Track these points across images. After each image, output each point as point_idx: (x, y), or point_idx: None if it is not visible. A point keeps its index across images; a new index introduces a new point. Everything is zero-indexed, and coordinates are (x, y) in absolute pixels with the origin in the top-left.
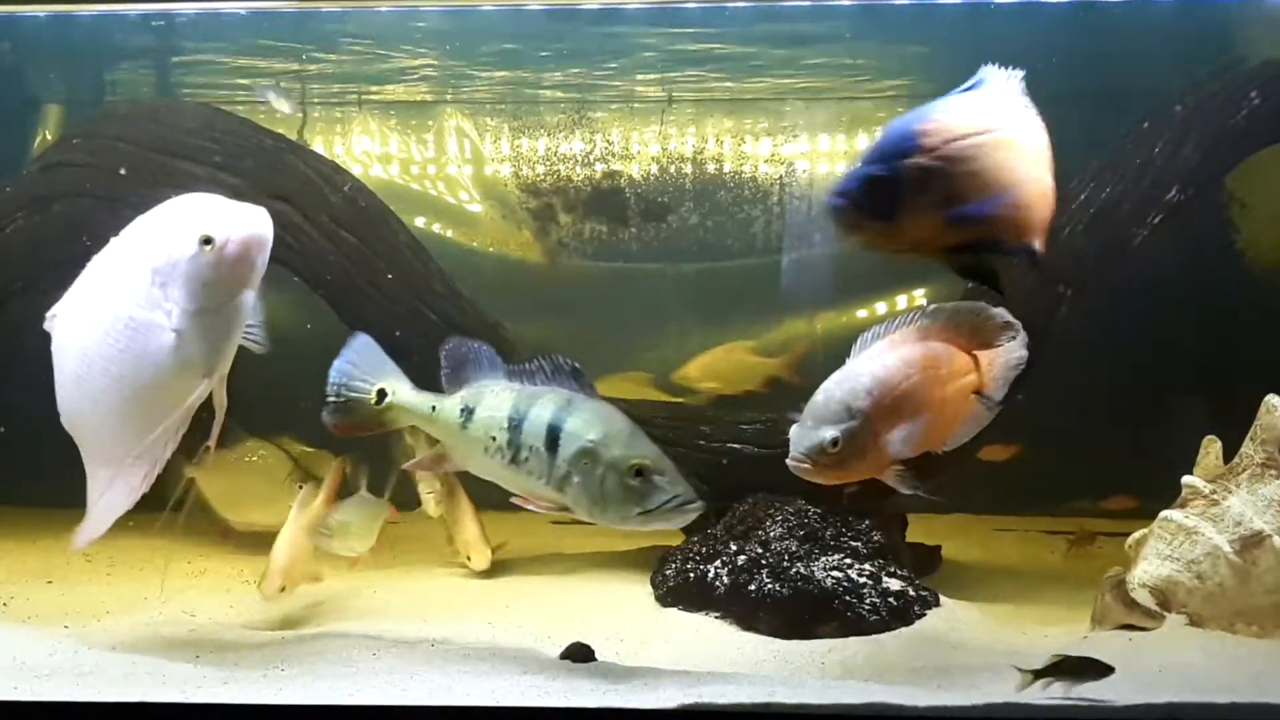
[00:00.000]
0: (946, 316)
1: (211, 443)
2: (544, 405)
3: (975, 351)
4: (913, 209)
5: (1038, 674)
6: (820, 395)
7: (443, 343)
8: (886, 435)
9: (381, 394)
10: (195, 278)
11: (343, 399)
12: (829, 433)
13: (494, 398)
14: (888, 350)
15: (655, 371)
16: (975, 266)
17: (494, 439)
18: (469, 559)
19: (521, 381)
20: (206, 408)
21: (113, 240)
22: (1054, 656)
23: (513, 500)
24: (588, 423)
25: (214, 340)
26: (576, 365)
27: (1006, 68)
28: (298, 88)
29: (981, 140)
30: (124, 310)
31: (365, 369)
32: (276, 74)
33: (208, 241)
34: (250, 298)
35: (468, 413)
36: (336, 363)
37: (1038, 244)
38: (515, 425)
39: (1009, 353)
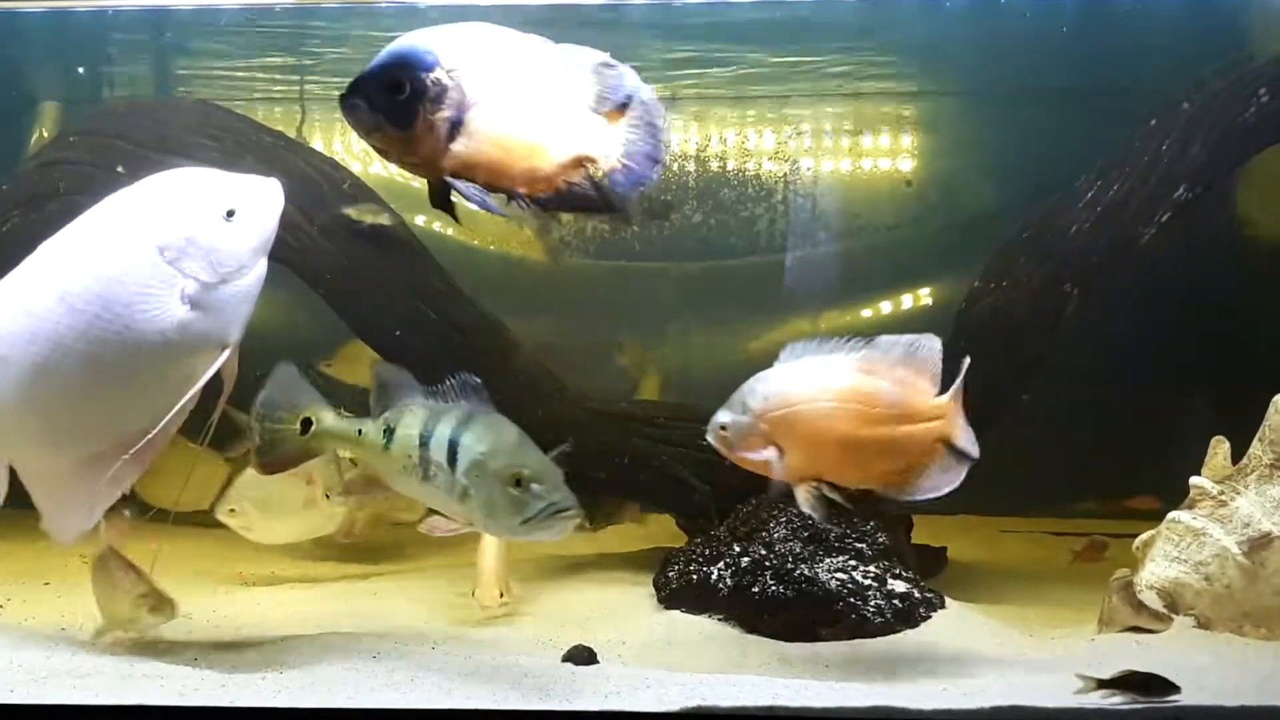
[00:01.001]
0: (900, 355)
1: (219, 409)
2: (446, 422)
3: (946, 399)
4: (424, 125)
5: (1102, 683)
6: (746, 382)
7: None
8: (776, 446)
9: (306, 423)
10: (216, 250)
11: (268, 434)
12: (722, 416)
13: (410, 416)
14: (817, 368)
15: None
16: (445, 198)
17: (410, 457)
18: (473, 594)
19: (434, 400)
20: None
21: (70, 225)
22: (1122, 671)
23: (420, 530)
24: (479, 436)
25: (232, 311)
26: (478, 381)
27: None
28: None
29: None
30: (123, 291)
31: (287, 400)
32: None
33: (231, 213)
34: (263, 263)
35: (389, 434)
36: (259, 397)
37: (522, 190)
38: (424, 443)
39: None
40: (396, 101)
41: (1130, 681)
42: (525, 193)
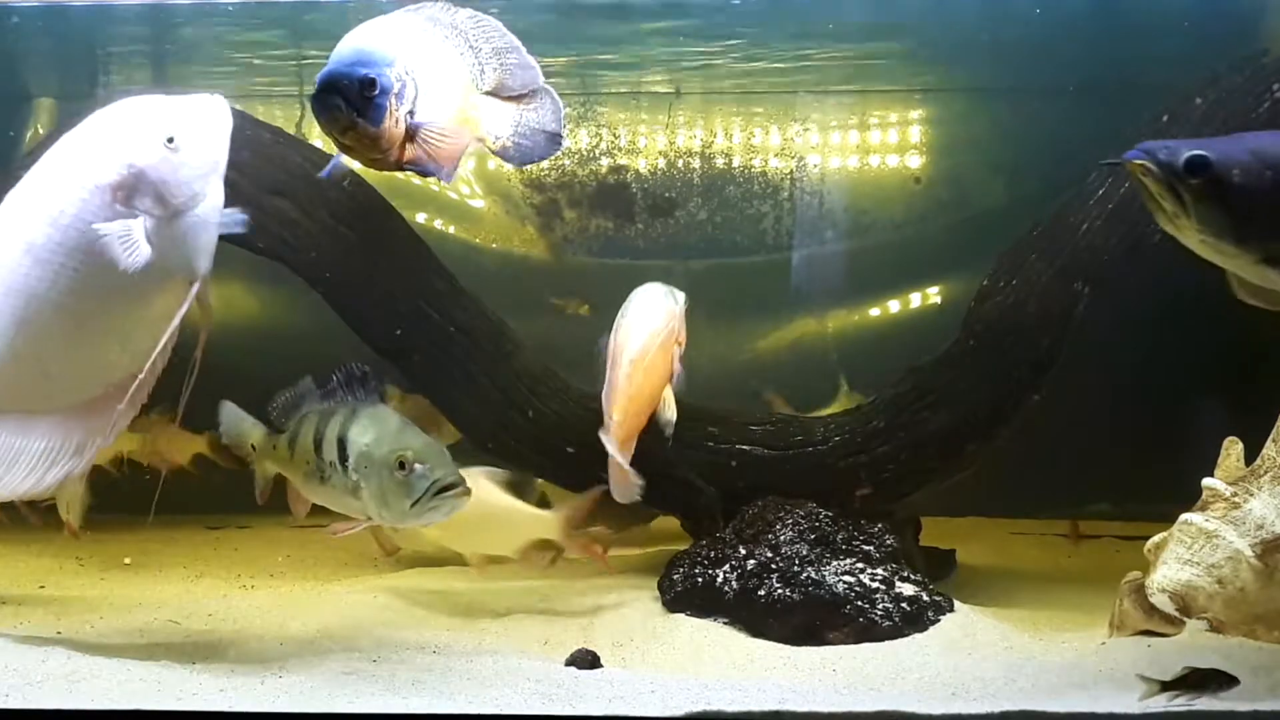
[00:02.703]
0: None
1: (199, 351)
2: (334, 421)
3: None
4: (392, 120)
5: (1166, 685)
6: None
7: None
8: None
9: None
10: (165, 180)
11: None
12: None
13: (305, 424)
14: None
15: None
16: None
17: (308, 463)
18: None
19: (327, 401)
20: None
21: (27, 175)
22: (1183, 669)
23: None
24: (364, 428)
25: (194, 241)
26: (365, 369)
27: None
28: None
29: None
30: (83, 237)
31: (235, 435)
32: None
33: (172, 140)
34: (220, 184)
35: (290, 443)
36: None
37: (445, 172)
38: (318, 445)
39: None
40: (369, 99)
41: (1190, 681)
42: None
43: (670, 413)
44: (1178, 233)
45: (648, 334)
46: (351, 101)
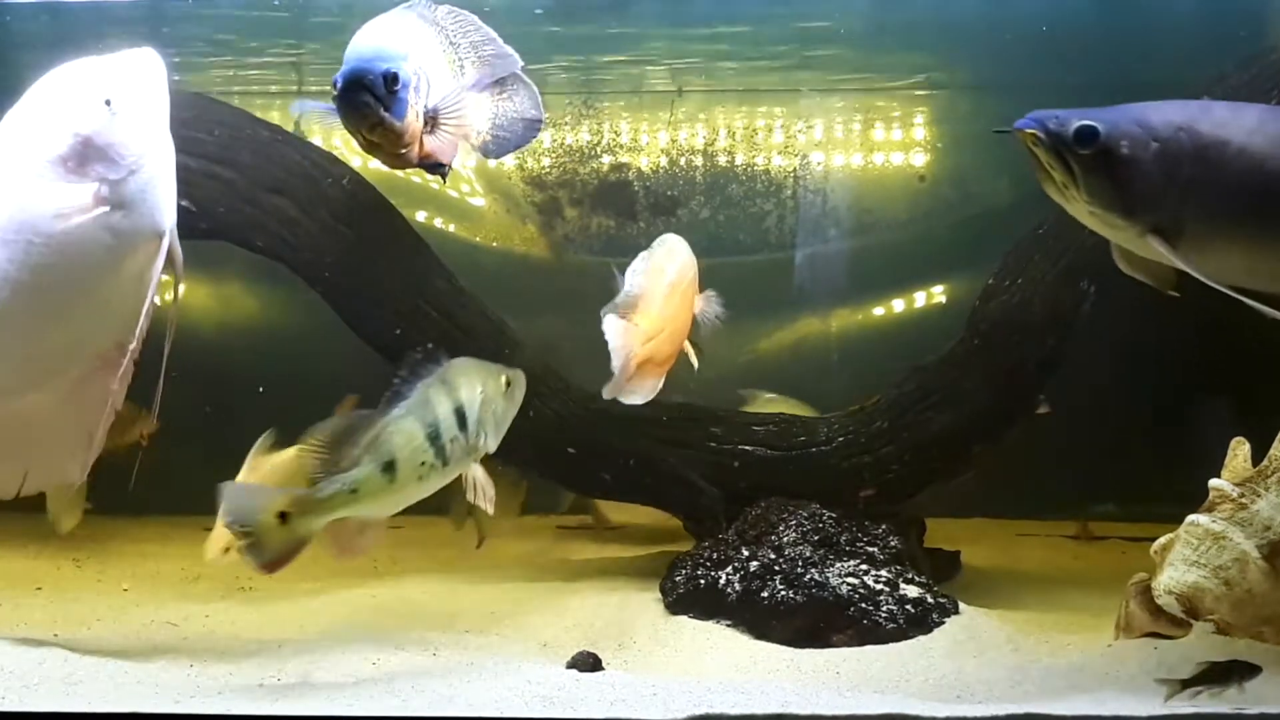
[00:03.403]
0: None
1: (175, 297)
2: (437, 402)
3: None
4: (413, 114)
5: (1186, 683)
6: None
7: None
8: None
9: (283, 515)
10: (111, 143)
11: (251, 537)
12: None
13: (401, 435)
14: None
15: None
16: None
17: (423, 464)
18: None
19: (395, 405)
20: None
21: None
22: (1200, 664)
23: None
24: (465, 385)
25: (154, 197)
26: (427, 346)
27: None
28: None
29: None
30: (43, 213)
31: (250, 507)
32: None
33: (109, 103)
34: (168, 135)
35: (390, 467)
36: (223, 512)
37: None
38: (434, 435)
39: None
40: (394, 93)
41: (1211, 674)
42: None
43: (694, 359)
44: (1067, 204)
45: (680, 265)
46: (379, 97)
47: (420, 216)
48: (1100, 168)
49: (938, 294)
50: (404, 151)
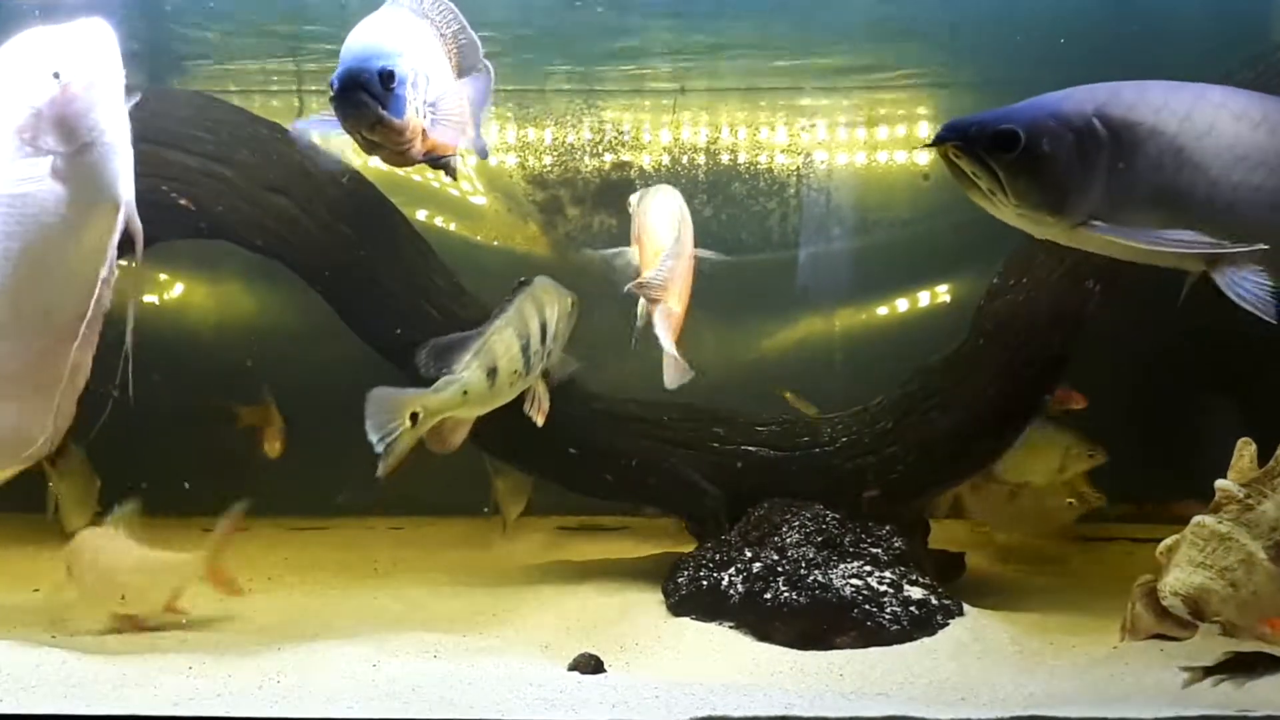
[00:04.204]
0: None
1: (137, 257)
2: (530, 316)
3: None
4: (413, 111)
5: (1209, 671)
6: None
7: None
8: None
9: (414, 417)
10: (62, 116)
11: (389, 443)
12: None
13: (502, 344)
14: None
15: None
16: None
17: (516, 371)
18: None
19: (488, 327)
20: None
21: None
22: (1225, 653)
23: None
24: (549, 301)
25: (109, 169)
26: (520, 280)
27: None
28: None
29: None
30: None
31: (389, 411)
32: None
33: (57, 75)
34: (124, 110)
35: (492, 372)
36: (368, 425)
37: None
38: (525, 346)
39: None
40: (391, 91)
41: (1235, 664)
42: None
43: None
44: (994, 209)
45: (687, 226)
46: (376, 96)
47: (421, 215)
48: (1024, 169)
49: (942, 293)
50: (406, 149)
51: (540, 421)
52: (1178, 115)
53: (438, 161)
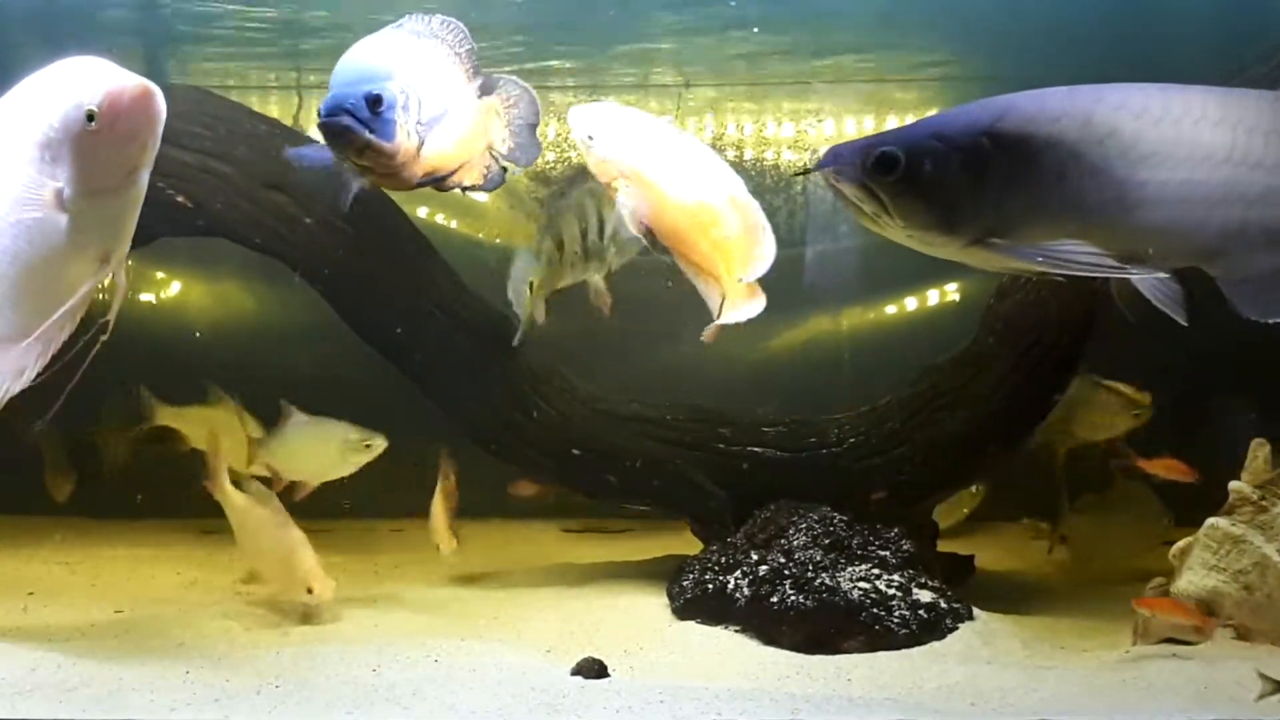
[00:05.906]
0: None
1: (112, 318)
2: (588, 207)
3: None
4: (403, 134)
5: None
6: None
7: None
8: None
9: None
10: (84, 156)
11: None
12: None
13: (565, 221)
14: None
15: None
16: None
17: (575, 251)
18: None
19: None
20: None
21: None
22: None
23: None
24: (606, 200)
25: (111, 222)
26: (571, 176)
27: None
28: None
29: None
30: (4, 194)
31: (522, 274)
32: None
33: (91, 118)
34: (145, 176)
35: (560, 245)
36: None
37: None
38: (584, 231)
39: None
40: (379, 115)
41: None
42: (467, 184)
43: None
44: (883, 231)
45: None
46: (362, 121)
47: (422, 213)
48: (907, 191)
49: (951, 292)
50: (398, 172)
51: (606, 312)
52: (1077, 122)
53: (441, 182)
